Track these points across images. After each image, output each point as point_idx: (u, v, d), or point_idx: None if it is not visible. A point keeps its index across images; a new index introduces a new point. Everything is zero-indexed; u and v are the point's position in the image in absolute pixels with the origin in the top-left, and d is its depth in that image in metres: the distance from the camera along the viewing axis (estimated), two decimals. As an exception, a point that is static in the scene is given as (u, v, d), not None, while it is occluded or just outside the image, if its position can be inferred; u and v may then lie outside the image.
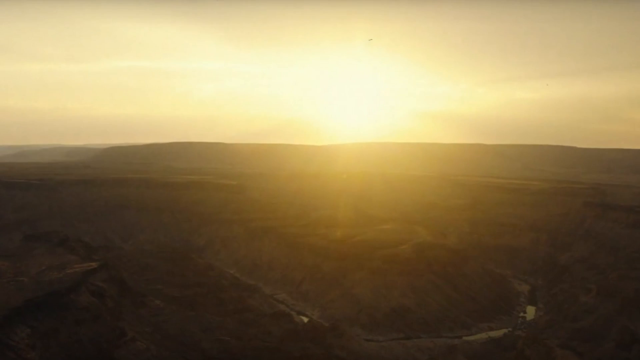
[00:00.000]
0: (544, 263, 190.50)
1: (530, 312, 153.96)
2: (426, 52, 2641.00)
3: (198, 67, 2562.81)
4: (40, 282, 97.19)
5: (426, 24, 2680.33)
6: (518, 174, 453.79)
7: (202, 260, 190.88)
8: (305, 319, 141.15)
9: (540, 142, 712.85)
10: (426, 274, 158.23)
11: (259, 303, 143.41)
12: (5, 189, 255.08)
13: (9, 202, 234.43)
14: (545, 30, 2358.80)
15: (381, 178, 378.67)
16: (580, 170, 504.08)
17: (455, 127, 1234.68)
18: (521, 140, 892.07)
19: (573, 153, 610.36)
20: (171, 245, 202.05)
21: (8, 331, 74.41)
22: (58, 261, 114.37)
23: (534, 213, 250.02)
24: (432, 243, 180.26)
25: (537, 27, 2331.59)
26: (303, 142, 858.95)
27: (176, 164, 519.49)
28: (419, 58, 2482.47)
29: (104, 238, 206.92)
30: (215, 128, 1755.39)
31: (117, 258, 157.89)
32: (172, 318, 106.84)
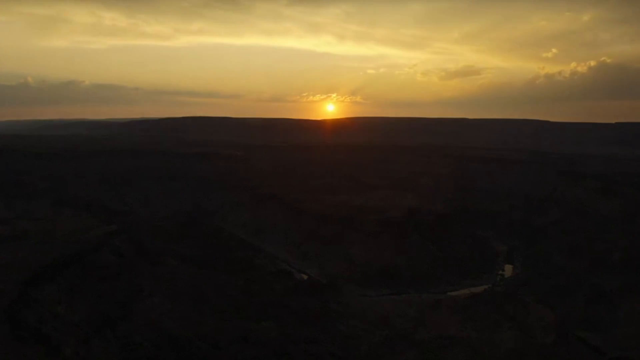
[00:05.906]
0: (521, 226, 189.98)
1: (509, 270, 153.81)
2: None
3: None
4: (66, 242, 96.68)
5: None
6: (498, 145, 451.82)
7: (212, 223, 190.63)
8: (305, 277, 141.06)
9: (517, 116, 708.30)
10: (415, 236, 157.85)
11: (264, 262, 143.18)
12: (34, 159, 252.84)
13: (37, 171, 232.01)
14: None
15: (374, 149, 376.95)
16: (553, 142, 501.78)
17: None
18: (501, 115, 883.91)
19: (547, 126, 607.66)
20: (184, 210, 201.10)
21: (37, 287, 74.03)
22: (82, 224, 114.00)
23: (512, 180, 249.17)
24: (421, 208, 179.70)
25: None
26: (303, 116, 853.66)
27: (188, 136, 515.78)
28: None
29: (124, 204, 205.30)
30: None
31: (135, 222, 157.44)
32: (186, 276, 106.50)
